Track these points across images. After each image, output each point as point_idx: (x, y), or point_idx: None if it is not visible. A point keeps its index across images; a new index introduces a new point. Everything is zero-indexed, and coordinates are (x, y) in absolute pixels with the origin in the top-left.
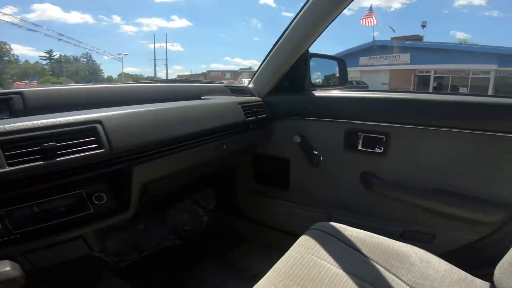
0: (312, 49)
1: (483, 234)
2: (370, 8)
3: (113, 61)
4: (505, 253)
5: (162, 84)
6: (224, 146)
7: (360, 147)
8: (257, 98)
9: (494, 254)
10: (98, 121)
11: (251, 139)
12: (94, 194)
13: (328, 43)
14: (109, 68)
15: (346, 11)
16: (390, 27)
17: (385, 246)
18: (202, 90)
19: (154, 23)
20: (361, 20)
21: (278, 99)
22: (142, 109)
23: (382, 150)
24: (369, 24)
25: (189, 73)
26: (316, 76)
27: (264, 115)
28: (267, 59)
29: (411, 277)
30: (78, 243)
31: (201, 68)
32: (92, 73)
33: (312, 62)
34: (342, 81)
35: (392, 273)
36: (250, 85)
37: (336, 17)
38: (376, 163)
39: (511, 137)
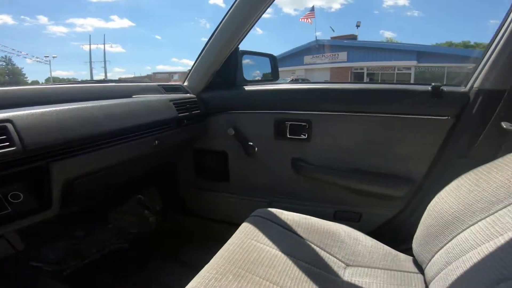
0: (262, 49)
1: (398, 209)
2: (312, 9)
3: (40, 64)
4: (417, 227)
5: (90, 84)
6: (156, 142)
7: (288, 135)
8: (191, 95)
9: (410, 228)
10: (8, 120)
11: (186, 135)
12: (10, 193)
13: (277, 43)
14: (35, 71)
15: (292, 11)
16: (330, 27)
17: (317, 226)
18: (134, 89)
19: (89, 23)
20: (301, 19)
21: (213, 95)
22: (60, 108)
23: (306, 136)
24: (306, 22)
25: (133, 75)
26: (256, 74)
27: (199, 111)
28: (200, 57)
29: (344, 254)
30: (0, 243)
31: (146, 70)
32: (13, 77)
33: (251, 60)
34: (275, 76)
35: (327, 252)
36: (185, 83)
37: (260, 16)
38: (303, 149)
39: (410, 118)
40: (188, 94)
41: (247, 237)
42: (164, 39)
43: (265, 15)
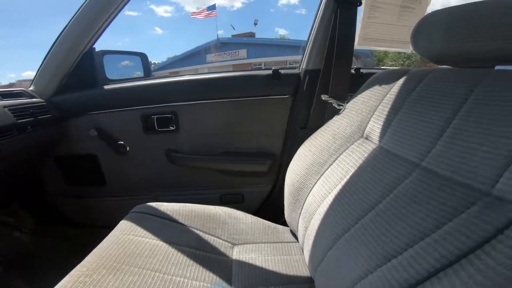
0: (163, 49)
1: (271, 184)
2: (214, 7)
3: None
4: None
5: None
6: None
7: (157, 128)
8: (39, 100)
9: (282, 201)
10: None
11: (33, 141)
12: None
13: (179, 42)
14: None
15: (195, 10)
16: (231, 25)
17: (198, 212)
18: None
19: None
20: (198, 16)
21: (67, 97)
22: None
23: (175, 127)
24: (200, 18)
25: None
26: (136, 75)
27: (50, 115)
28: (46, 59)
29: (229, 235)
30: None
31: (9, 78)
32: None
33: (131, 62)
34: (146, 74)
35: (211, 234)
36: (31, 88)
37: (115, 15)
38: (174, 140)
39: (260, 99)
40: (34, 99)
41: (123, 233)
42: (33, 40)
43: (165, 14)
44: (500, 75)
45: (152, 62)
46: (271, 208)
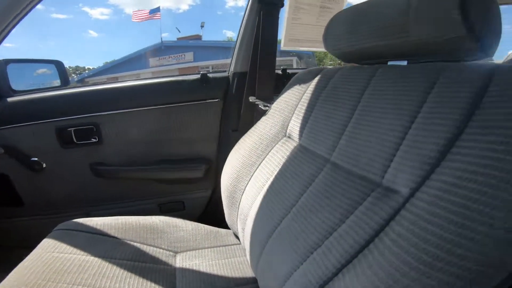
0: (98, 54)
1: (211, 189)
2: (158, 9)
3: None
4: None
5: None
6: None
7: (76, 141)
8: None
9: (222, 205)
10: None
11: None
12: None
13: (118, 46)
14: None
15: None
16: (176, 28)
17: (132, 223)
18: None
19: None
20: (138, 20)
21: None
22: None
23: (97, 139)
24: (140, 21)
25: None
26: (56, 83)
27: None
28: None
29: (169, 243)
30: None
31: None
32: None
33: (48, 69)
34: (64, 83)
35: (149, 245)
36: None
37: (18, 21)
38: (99, 152)
39: (190, 104)
40: None
41: (46, 252)
42: None
43: (101, 17)
44: (387, 69)
45: (86, 68)
46: (213, 212)
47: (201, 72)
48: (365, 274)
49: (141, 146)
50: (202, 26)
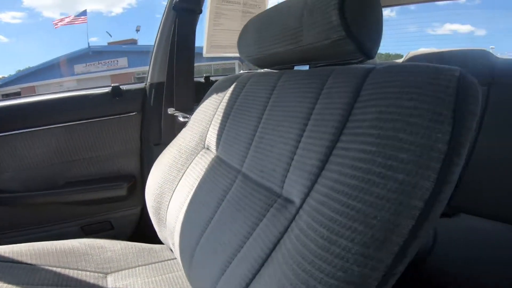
0: (7, 60)
1: (140, 205)
2: (85, 13)
3: None
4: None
5: None
6: None
7: None
8: None
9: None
10: None
11: None
12: None
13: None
14: None
15: (58, 16)
16: (107, 32)
17: (49, 249)
18: None
19: None
20: (59, 24)
21: None
22: None
23: None
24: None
25: None
26: None
27: None
28: None
29: (96, 265)
30: None
31: None
32: None
33: None
34: None
35: (73, 268)
36: None
37: None
38: None
39: (104, 119)
40: None
41: None
42: None
43: (12, 21)
44: (290, 75)
45: None
46: (146, 229)
47: (112, 85)
48: (268, 286)
49: (47, 169)
50: (137, 30)
